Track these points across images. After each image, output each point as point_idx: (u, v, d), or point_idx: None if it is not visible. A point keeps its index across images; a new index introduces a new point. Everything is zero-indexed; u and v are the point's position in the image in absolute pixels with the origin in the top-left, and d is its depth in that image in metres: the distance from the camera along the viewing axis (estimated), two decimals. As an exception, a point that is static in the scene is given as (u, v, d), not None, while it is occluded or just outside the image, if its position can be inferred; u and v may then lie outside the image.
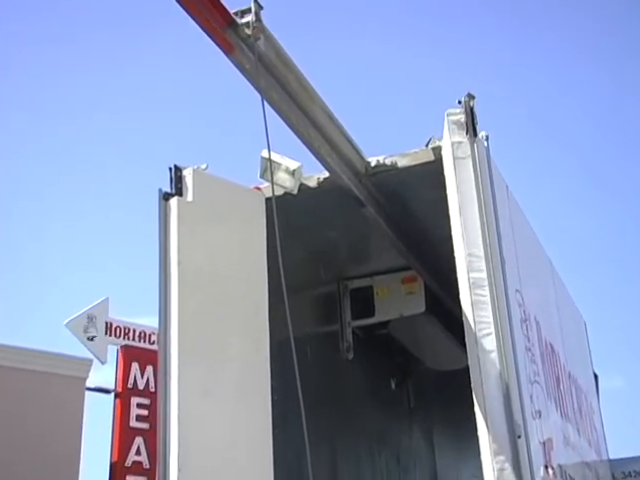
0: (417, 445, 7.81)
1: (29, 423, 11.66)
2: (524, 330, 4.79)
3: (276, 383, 4.77)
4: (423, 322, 6.78)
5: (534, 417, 4.56)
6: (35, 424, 11.73)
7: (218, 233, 4.71)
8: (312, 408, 4.67)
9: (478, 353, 4.20)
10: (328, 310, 6.54)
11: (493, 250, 4.34)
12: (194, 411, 4.25)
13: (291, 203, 5.09)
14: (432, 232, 5.81)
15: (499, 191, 4.71)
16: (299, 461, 5.02)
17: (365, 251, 6.50)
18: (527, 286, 5.11)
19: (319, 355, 5.95)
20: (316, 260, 6.25)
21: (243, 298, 4.66)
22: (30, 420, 11.70)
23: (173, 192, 4.60)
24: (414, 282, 6.58)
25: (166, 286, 4.43)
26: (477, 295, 4.27)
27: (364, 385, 6.86)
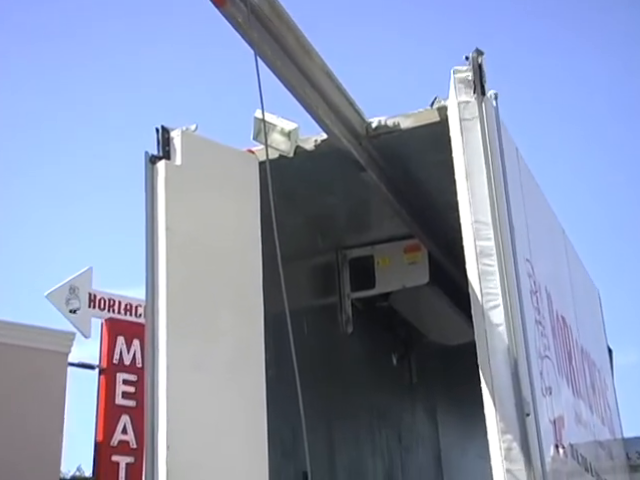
0: (420, 423, 7.88)
1: (7, 400, 11.73)
2: (534, 302, 4.81)
3: (271, 358, 4.81)
4: (427, 294, 6.81)
5: (544, 394, 4.60)
6: (14, 401, 11.81)
7: (209, 199, 4.71)
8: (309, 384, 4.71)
9: (485, 326, 4.23)
10: (326, 281, 6.57)
11: (502, 217, 4.35)
12: (184, 387, 4.28)
13: (286, 167, 5.08)
14: (437, 198, 5.81)
15: (509, 154, 4.71)
16: (295, 439, 5.08)
17: (365, 218, 6.51)
18: (537, 255, 5.13)
19: (316, 329, 5.98)
20: (313, 228, 6.26)
21: (235, 268, 4.67)
22: (8, 397, 11.77)
23: (160, 155, 4.60)
24: (417, 251, 6.60)
25: (153, 255, 4.43)
26: (484, 265, 4.29)
27: (364, 360, 6.90)
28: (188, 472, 4.18)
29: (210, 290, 4.56)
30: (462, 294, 5.00)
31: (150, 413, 4.22)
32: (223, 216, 4.74)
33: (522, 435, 4.04)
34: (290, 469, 5.30)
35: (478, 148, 4.45)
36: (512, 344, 4.16)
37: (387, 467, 6.96)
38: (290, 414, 4.84)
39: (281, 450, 5.19)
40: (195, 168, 4.68)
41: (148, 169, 4.56)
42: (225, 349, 4.51)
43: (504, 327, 4.19)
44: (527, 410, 4.06)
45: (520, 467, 4.01)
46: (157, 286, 4.39)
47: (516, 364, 4.13)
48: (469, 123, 4.50)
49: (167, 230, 4.45)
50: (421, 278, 6.60)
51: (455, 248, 4.82)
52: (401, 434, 7.37)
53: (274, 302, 4.69)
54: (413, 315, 7.46)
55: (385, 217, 6.24)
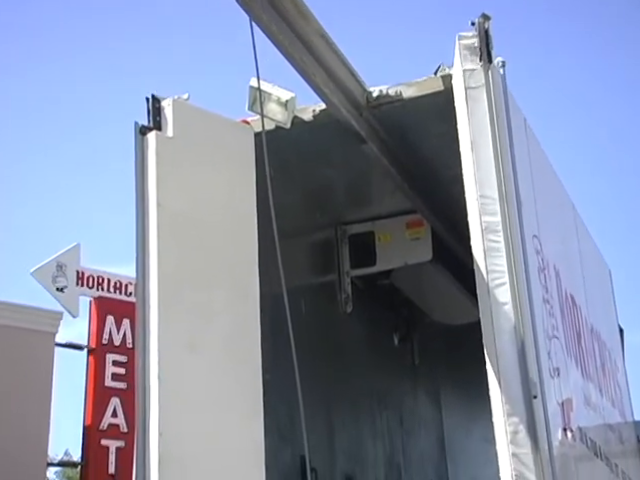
0: (422, 406, 7.93)
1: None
2: (542, 280, 4.83)
3: (267, 339, 4.83)
4: (430, 271, 6.82)
5: (552, 375, 4.63)
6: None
7: (202, 172, 4.70)
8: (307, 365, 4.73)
9: (490, 305, 4.24)
10: (324, 258, 6.58)
11: (508, 191, 4.35)
12: (177, 368, 4.30)
13: (283, 138, 5.07)
14: (440, 171, 5.81)
15: (516, 125, 4.70)
16: (292, 422, 5.11)
17: (366, 192, 6.51)
18: (546, 231, 5.13)
19: (314, 308, 6.00)
20: (311, 202, 6.26)
21: (230, 244, 4.68)
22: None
23: (151, 126, 4.58)
24: (420, 227, 6.61)
25: (144, 231, 4.43)
26: (490, 241, 4.29)
27: (364, 340, 6.93)
28: (182, 458, 4.20)
29: (203, 268, 4.56)
30: (467, 272, 5.01)
31: (141, 396, 4.23)
32: (217, 190, 4.74)
33: (529, 418, 4.06)
34: (287, 453, 5.34)
35: (484, 118, 4.44)
36: (519, 323, 4.18)
37: (388, 451, 7.01)
38: (287, 396, 4.87)
39: (278, 433, 5.23)
40: (187, 140, 4.67)
41: (138, 141, 4.55)
42: (220, 329, 4.52)
43: (510, 306, 4.21)
44: (534, 392, 4.09)
45: (526, 451, 4.03)
46: (148, 263, 4.39)
47: (523, 344, 4.15)
48: (475, 92, 4.49)
49: (158, 205, 4.44)
50: (424, 255, 6.61)
51: (460, 224, 4.83)
52: (403, 417, 7.42)
53: (270, 280, 4.71)
54: (415, 293, 7.48)
55: (386, 191, 6.24)
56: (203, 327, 4.47)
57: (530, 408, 4.07)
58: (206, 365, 4.40)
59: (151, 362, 4.26)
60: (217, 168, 4.77)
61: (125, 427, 12.20)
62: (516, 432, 4.06)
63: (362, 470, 6.49)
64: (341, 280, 6.62)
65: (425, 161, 5.82)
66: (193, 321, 4.44)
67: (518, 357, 4.14)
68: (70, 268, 12.72)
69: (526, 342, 4.16)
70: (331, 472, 6.03)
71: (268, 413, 4.56)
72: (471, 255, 4.37)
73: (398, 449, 7.21)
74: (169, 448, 4.16)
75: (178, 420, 4.24)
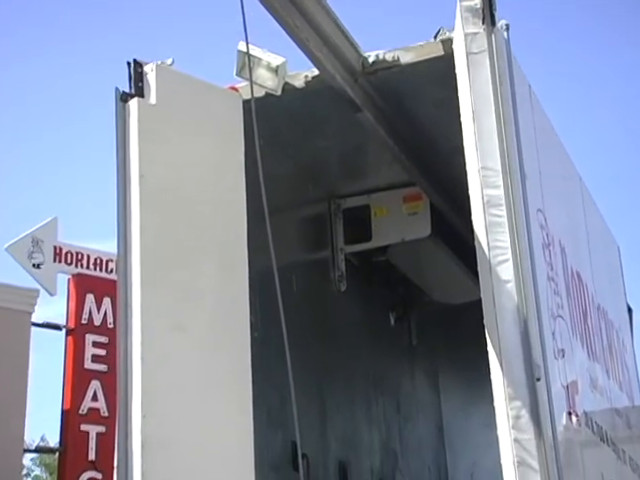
0: (420, 389, 7.98)
1: (-34, 364, 11.78)
2: (546, 256, 4.85)
3: (256, 318, 4.85)
4: (428, 247, 6.84)
5: (556, 357, 4.66)
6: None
7: (187, 142, 4.69)
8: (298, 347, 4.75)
9: (492, 283, 4.26)
10: (317, 234, 6.59)
11: (512, 163, 4.35)
12: (161, 349, 4.31)
13: (274, 106, 5.06)
14: (440, 141, 5.82)
15: (521, 93, 4.70)
16: (283, 407, 5.14)
17: (361, 164, 6.51)
18: (551, 205, 5.15)
19: (306, 286, 6.02)
20: (303, 174, 6.26)
21: (217, 219, 4.68)
22: (-33, 361, 11.82)
23: (133, 92, 4.57)
24: (418, 200, 6.62)
25: (126, 205, 4.43)
26: (492, 215, 4.31)
27: (359, 320, 6.96)
28: (165, 443, 4.22)
29: (189, 243, 4.57)
30: (467, 248, 5.02)
31: (123, 378, 4.25)
32: (203, 161, 4.73)
33: (532, 402, 4.09)
34: (277, 439, 5.38)
35: (487, 85, 4.44)
36: (522, 302, 4.20)
37: (384, 437, 7.06)
38: (278, 379, 4.89)
39: (268, 418, 5.26)
40: (172, 107, 4.66)
41: (119, 108, 4.53)
42: (206, 308, 4.54)
43: (513, 284, 4.22)
44: (537, 374, 4.11)
45: (529, 436, 4.07)
46: (130, 239, 4.40)
47: (526, 324, 4.18)
48: (477, 57, 4.49)
49: (140, 177, 4.44)
50: (422, 230, 6.63)
51: (460, 197, 4.84)
52: (399, 401, 7.46)
53: (260, 257, 4.71)
54: (413, 271, 7.51)
55: (383, 163, 6.25)
56: (188, 306, 4.48)
57: (533, 391, 4.10)
58: (192, 346, 4.42)
59: (133, 343, 4.27)
60: (203, 137, 4.76)
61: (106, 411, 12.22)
62: (518, 417, 4.09)
63: (356, 457, 6.54)
64: (335, 257, 6.63)
65: (424, 131, 5.81)
66: (178, 300, 4.45)
67: (521, 338, 4.16)
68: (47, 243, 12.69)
69: (529, 322, 4.19)
70: (324, 459, 6.07)
71: (257, 396, 4.58)
72: (472, 230, 4.39)
73: (394, 435, 7.26)
74: (153, 433, 4.18)
75: (162, 404, 4.26)
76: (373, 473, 6.75)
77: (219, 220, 4.70)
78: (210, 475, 4.31)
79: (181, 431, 4.28)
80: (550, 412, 4.18)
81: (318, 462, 5.91)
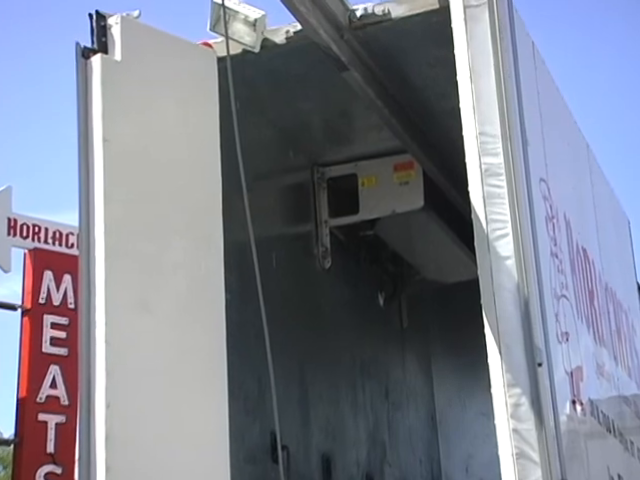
0: (411, 375, 8.02)
1: None
2: (550, 231, 4.87)
3: (232, 297, 4.85)
4: (421, 221, 6.86)
5: (560, 341, 4.69)
6: None
7: (156, 103, 4.68)
8: (278, 329, 4.77)
9: (490, 260, 4.28)
10: (299, 205, 6.59)
11: (512, 128, 4.37)
12: (127, 331, 4.32)
13: (251, 64, 5.05)
14: (435, 104, 5.82)
15: (523, 51, 4.70)
16: (261, 394, 5.17)
17: (347, 129, 6.51)
18: (556, 175, 5.17)
19: (287, 262, 6.04)
20: (284, 140, 6.25)
21: (189, 188, 4.68)
22: None
23: (95, 48, 4.55)
24: (410, 169, 6.63)
25: (88, 172, 4.42)
26: (490, 186, 4.32)
27: (344, 301, 6.98)
28: (132, 435, 4.24)
29: (158, 215, 4.56)
30: (463, 221, 5.04)
31: (85, 363, 4.26)
32: (174, 124, 4.72)
33: (532, 389, 4.12)
34: (255, 429, 5.40)
35: (486, 42, 4.44)
36: (522, 281, 4.22)
37: (371, 427, 7.10)
38: (256, 364, 4.91)
39: (244, 407, 5.28)
40: (139, 64, 4.64)
41: (80, 65, 4.51)
42: (177, 285, 4.54)
43: (513, 260, 4.25)
44: (539, 359, 4.14)
45: (529, 426, 4.10)
46: (93, 210, 4.39)
47: (527, 305, 4.20)
48: (475, 11, 4.49)
49: (104, 141, 4.43)
50: (414, 202, 6.64)
51: (456, 165, 4.85)
52: (388, 388, 7.50)
53: (236, 230, 4.72)
54: (404, 247, 7.53)
55: (371, 127, 6.24)
56: (158, 283, 4.49)
57: (534, 377, 4.13)
58: (161, 327, 4.43)
59: (97, 324, 4.27)
60: (174, 99, 4.75)
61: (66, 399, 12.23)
62: (518, 405, 4.12)
63: (341, 448, 6.57)
64: (318, 231, 6.64)
65: (417, 92, 5.81)
66: (146, 276, 4.46)
67: (521, 319, 4.19)
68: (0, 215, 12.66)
69: (530, 302, 4.21)
70: (305, 451, 6.10)
71: (233, 383, 4.60)
72: (469, 202, 4.40)
73: (383, 425, 7.30)
74: (118, 424, 4.19)
75: (128, 392, 4.27)
76: (359, 466, 6.80)
77: (192, 189, 4.69)
78: (181, 469, 4.33)
79: (149, 421, 4.30)
80: (552, 400, 4.21)
81: (299, 454, 5.95)
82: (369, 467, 6.95)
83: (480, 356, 4.35)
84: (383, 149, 6.60)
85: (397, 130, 6.02)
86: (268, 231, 5.68)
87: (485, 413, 4.58)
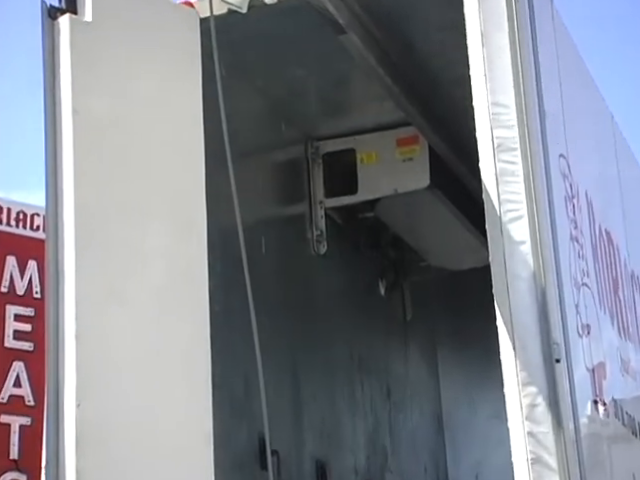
0: (415, 373, 8.04)
1: None
2: (570, 212, 4.88)
3: (217, 287, 4.85)
4: (426, 201, 6.86)
5: (580, 334, 4.70)
6: None
7: (131, 69, 4.66)
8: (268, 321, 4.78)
9: (503, 245, 4.28)
10: (292, 184, 6.59)
11: (529, 98, 4.36)
12: (99, 325, 4.31)
13: (238, 27, 5.04)
14: (442, 71, 5.81)
15: (540, 12, 4.69)
16: (249, 394, 5.17)
17: (345, 99, 6.50)
18: (577, 150, 5.16)
19: (277, 248, 6.04)
20: (275, 111, 6.24)
21: (170, 164, 4.67)
22: None
23: (63, 7, 4.53)
24: (414, 144, 6.63)
25: (56, 148, 4.41)
26: (504, 162, 4.32)
27: (341, 290, 6.98)
28: (105, 438, 4.24)
29: (135, 196, 4.55)
30: (473, 202, 5.04)
31: (53, 360, 4.25)
32: (152, 93, 4.70)
33: (550, 388, 4.13)
34: (242, 431, 5.42)
35: (499, 2, 4.43)
36: (539, 268, 4.23)
37: (371, 430, 7.12)
38: (243, 360, 4.92)
39: (230, 408, 5.29)
40: (112, 26, 4.62)
41: (47, 27, 4.49)
42: (155, 275, 4.54)
43: (528, 245, 4.25)
44: (557, 355, 4.15)
45: (546, 429, 4.11)
46: (61, 189, 4.38)
47: (543, 294, 4.21)
48: (487, -33, 4.48)
49: (74, 112, 4.41)
50: (419, 180, 6.64)
51: (465, 140, 4.84)
52: (390, 387, 7.52)
53: (222, 212, 4.72)
54: (408, 230, 7.53)
55: (372, 97, 6.24)
56: (134, 272, 4.48)
57: (551, 375, 4.14)
58: (137, 321, 4.43)
59: (66, 316, 4.27)
60: (151, 64, 4.73)
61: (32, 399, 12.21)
62: (533, 405, 4.13)
63: (337, 454, 6.59)
64: (312, 212, 6.64)
65: (422, 58, 5.81)
66: (121, 264, 4.45)
67: (538, 311, 4.20)
68: (-43, 194, 12.63)
69: (548, 292, 4.21)
70: (298, 456, 6.12)
71: (218, 381, 4.61)
72: (479, 180, 4.40)
73: (384, 427, 7.33)
74: (89, 426, 4.19)
75: (101, 390, 4.27)
76: (357, 473, 6.82)
77: (172, 166, 4.68)
78: (160, 476, 4.33)
79: (124, 423, 4.29)
80: (572, 400, 4.22)
81: (291, 460, 5.97)
82: (368, 474, 6.97)
83: (492, 352, 4.36)
84: (385, 122, 6.60)
85: (400, 101, 6.02)
86: (257, 213, 5.68)
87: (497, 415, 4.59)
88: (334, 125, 6.68)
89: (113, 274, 4.41)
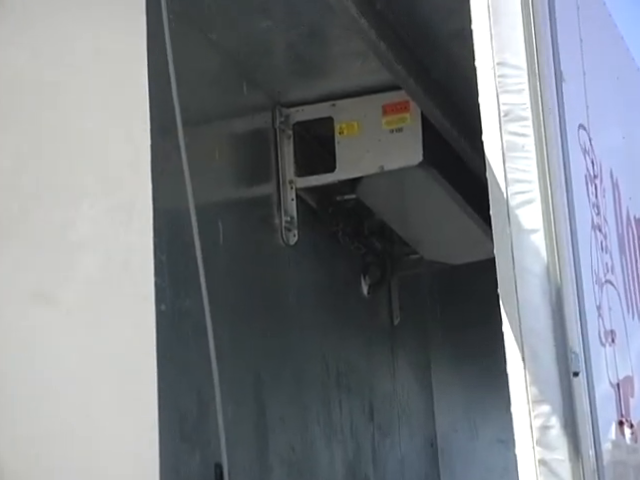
0: (404, 389, 8.05)
1: None
2: (591, 195, 4.88)
3: (164, 283, 4.83)
4: (418, 181, 6.85)
5: (603, 342, 4.70)
6: None
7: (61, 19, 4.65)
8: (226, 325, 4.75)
9: (510, 234, 4.27)
10: (255, 159, 6.56)
11: (542, 57, 4.35)
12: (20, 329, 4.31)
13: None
14: (438, 25, 5.81)
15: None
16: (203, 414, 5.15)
17: (321, 56, 6.47)
18: (600, 120, 5.17)
19: (238, 236, 6.01)
20: (234, 69, 6.21)
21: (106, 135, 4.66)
22: None
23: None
24: (404, 112, 6.61)
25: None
26: (512, 134, 4.31)
27: (315, 288, 6.98)
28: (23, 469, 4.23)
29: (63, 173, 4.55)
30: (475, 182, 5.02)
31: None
32: (86, 49, 4.69)
33: (566, 406, 4.13)
34: (195, 459, 5.37)
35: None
36: (553, 262, 4.22)
37: (351, 458, 7.12)
38: (195, 373, 4.89)
39: (180, 430, 5.26)
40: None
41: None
42: (88, 269, 4.53)
43: (541, 235, 4.24)
44: (574, 367, 4.15)
45: (561, 456, 4.11)
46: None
47: (559, 294, 4.20)
48: None
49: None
50: (410, 155, 6.62)
51: (465, 107, 4.84)
52: (374, 406, 7.52)
53: (170, 193, 4.69)
54: (396, 216, 7.53)
55: (353, 55, 6.22)
56: (62, 266, 4.47)
57: (568, 391, 4.14)
58: (66, 323, 4.42)
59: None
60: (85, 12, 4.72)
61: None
62: (546, 428, 4.13)
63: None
64: (281, 194, 6.61)
65: (414, 7, 5.80)
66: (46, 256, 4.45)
67: (552, 313, 4.19)
68: None
69: (564, 291, 4.21)
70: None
71: (165, 398, 4.59)
72: (482, 156, 4.39)
73: (366, 454, 7.33)
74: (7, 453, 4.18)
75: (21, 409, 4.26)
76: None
77: (109, 136, 4.67)
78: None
79: (48, 450, 4.29)
80: (592, 421, 4.22)
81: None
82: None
83: (496, 363, 4.36)
84: (368, 84, 6.59)
85: (387, 59, 5.99)
86: (213, 194, 5.65)
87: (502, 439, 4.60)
88: (307, 88, 6.66)
89: (36, 269, 4.40)
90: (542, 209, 4.25)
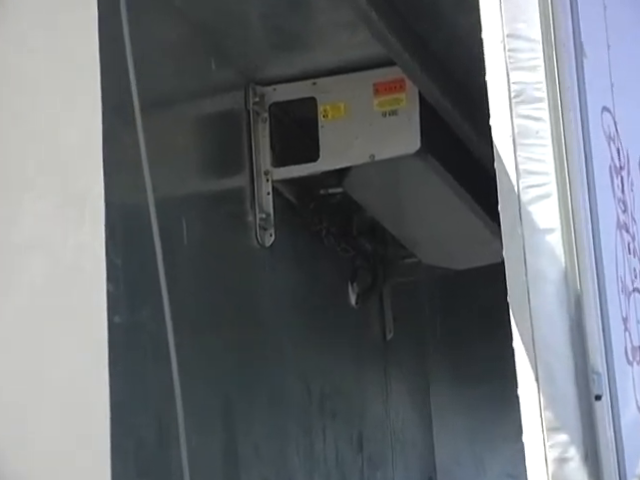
0: (398, 415, 8.06)
1: None
2: (616, 188, 4.89)
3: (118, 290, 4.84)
4: (415, 172, 6.86)
5: (630, 360, 4.71)
6: None
7: None
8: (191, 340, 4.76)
9: (522, 234, 4.28)
10: (225, 146, 6.57)
11: (559, 29, 4.37)
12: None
13: None
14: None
15: None
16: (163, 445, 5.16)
17: (301, 27, 6.48)
18: (628, 102, 5.18)
19: (205, 236, 6.01)
20: (202, 42, 6.21)
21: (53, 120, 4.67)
22: None
23: None
24: (399, 91, 6.61)
25: None
26: (523, 118, 4.32)
27: (295, 297, 6.98)
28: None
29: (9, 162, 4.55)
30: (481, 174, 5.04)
31: None
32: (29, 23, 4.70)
33: (586, 435, 4.14)
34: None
35: None
36: (572, 267, 4.23)
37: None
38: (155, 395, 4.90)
39: (136, 464, 5.26)
40: None
41: None
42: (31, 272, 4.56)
43: (558, 235, 4.25)
44: (597, 389, 4.16)
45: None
46: None
47: (579, 304, 4.21)
48: None
49: None
50: (406, 143, 6.63)
51: (470, 86, 4.85)
52: (363, 435, 7.53)
53: (126, 187, 4.70)
54: (389, 213, 7.54)
55: (339, 25, 6.24)
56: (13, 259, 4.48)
57: (589, 417, 4.15)
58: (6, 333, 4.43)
59: None
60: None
61: None
62: (563, 460, 4.14)
63: (288, 528, 6.60)
64: (255, 187, 6.61)
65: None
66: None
67: (570, 327, 4.20)
68: None
69: (584, 300, 4.22)
70: (232, 531, 6.11)
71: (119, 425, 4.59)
72: (490, 143, 4.40)
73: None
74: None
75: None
76: None
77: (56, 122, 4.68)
78: None
79: None
80: (617, 452, 4.23)
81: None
82: None
83: (505, 385, 4.37)
84: (357, 60, 6.59)
85: (379, 30, 6.00)
86: (176, 188, 5.66)
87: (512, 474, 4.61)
88: (286, 64, 6.66)
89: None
90: (559, 205, 4.26)
